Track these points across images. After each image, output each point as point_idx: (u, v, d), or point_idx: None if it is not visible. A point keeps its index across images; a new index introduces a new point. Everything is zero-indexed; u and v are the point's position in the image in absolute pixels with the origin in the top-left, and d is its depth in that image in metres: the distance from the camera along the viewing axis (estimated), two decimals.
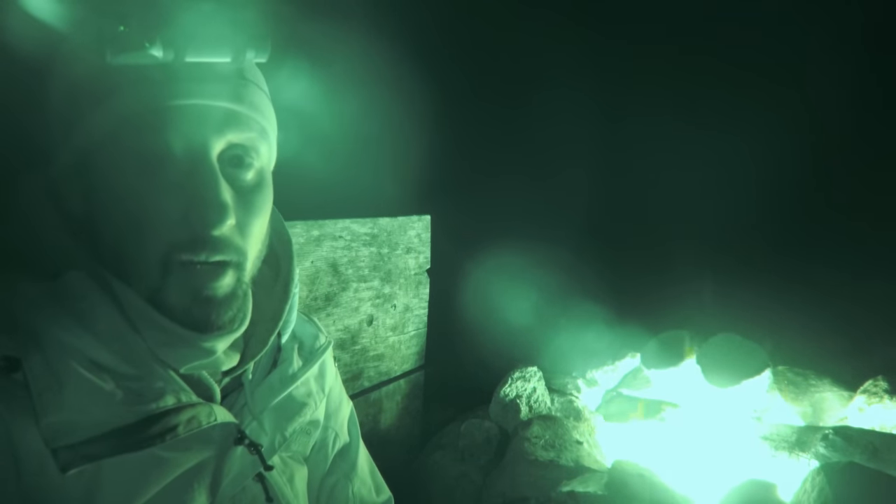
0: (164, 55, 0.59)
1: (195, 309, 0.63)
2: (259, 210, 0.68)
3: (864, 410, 1.86)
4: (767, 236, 2.63)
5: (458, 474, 1.87)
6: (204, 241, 0.62)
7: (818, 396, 2.01)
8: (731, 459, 1.84)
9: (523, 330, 2.22)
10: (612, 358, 2.30)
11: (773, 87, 2.53)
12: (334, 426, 0.90)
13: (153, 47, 0.58)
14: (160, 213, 0.61)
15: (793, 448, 1.82)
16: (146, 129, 0.61)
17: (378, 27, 1.88)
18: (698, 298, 2.39)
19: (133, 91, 0.61)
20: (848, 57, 2.34)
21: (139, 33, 0.57)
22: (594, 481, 1.67)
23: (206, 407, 0.65)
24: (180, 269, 0.62)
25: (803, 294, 2.28)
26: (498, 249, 2.23)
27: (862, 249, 2.36)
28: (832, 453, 1.64)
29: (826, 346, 2.14)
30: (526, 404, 2.06)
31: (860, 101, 2.39)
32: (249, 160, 0.67)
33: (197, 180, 0.62)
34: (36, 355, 0.58)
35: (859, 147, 2.47)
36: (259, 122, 0.68)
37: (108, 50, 0.57)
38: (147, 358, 0.62)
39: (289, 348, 0.80)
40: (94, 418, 0.57)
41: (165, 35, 0.58)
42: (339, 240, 1.74)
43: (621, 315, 2.26)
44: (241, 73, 0.67)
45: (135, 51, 0.58)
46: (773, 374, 2.02)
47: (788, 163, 2.46)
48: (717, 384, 2.01)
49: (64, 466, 0.55)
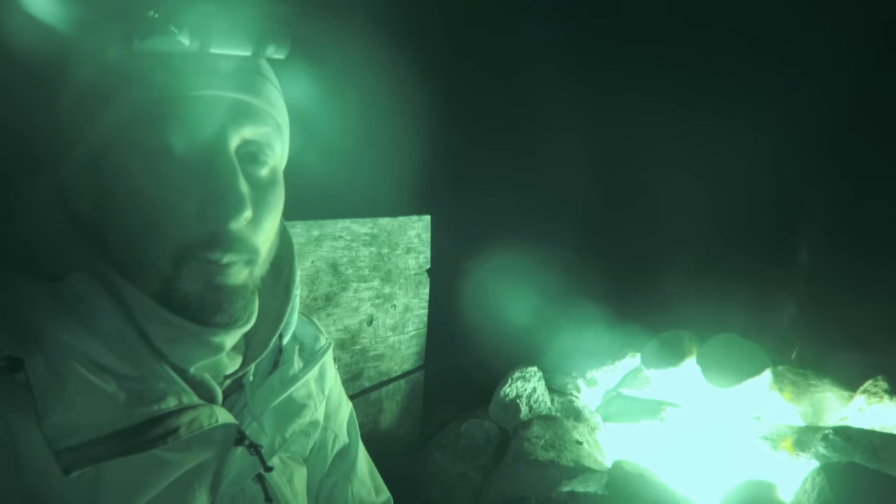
0: (191, 44, 0.60)
1: (208, 295, 0.63)
2: (272, 208, 0.68)
3: (864, 410, 1.86)
4: (767, 236, 2.63)
5: (458, 474, 1.87)
6: (219, 238, 0.62)
7: (818, 396, 2.01)
8: (731, 459, 1.85)
9: (523, 330, 2.22)
10: (612, 358, 2.30)
11: (773, 84, 2.53)
12: (334, 427, 0.90)
13: (181, 34, 0.59)
14: (175, 207, 0.61)
15: (793, 448, 1.82)
16: (159, 121, 0.61)
17: (378, 27, 1.88)
18: (698, 298, 2.39)
19: (147, 83, 0.61)
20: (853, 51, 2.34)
21: (168, 19, 0.58)
22: (594, 481, 1.67)
23: (207, 408, 0.65)
24: (194, 263, 0.62)
25: (804, 293, 2.28)
26: (498, 249, 2.23)
27: (862, 249, 2.36)
28: (832, 453, 1.64)
29: (826, 345, 2.14)
30: (526, 404, 2.06)
31: (862, 99, 2.39)
32: (264, 157, 0.67)
33: (215, 172, 0.62)
34: (38, 356, 0.57)
35: (860, 146, 2.47)
36: (274, 117, 0.68)
37: (137, 35, 0.58)
38: (149, 359, 0.62)
39: (290, 350, 0.80)
40: (96, 420, 0.57)
41: (192, 23, 0.59)
42: (339, 240, 1.74)
43: (621, 315, 2.27)
44: (258, 69, 0.68)
45: (164, 36, 0.58)
46: (773, 374, 2.02)
47: (789, 161, 2.46)
48: (717, 384, 2.01)
49: (66, 468, 0.55)
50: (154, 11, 0.58)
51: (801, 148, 2.43)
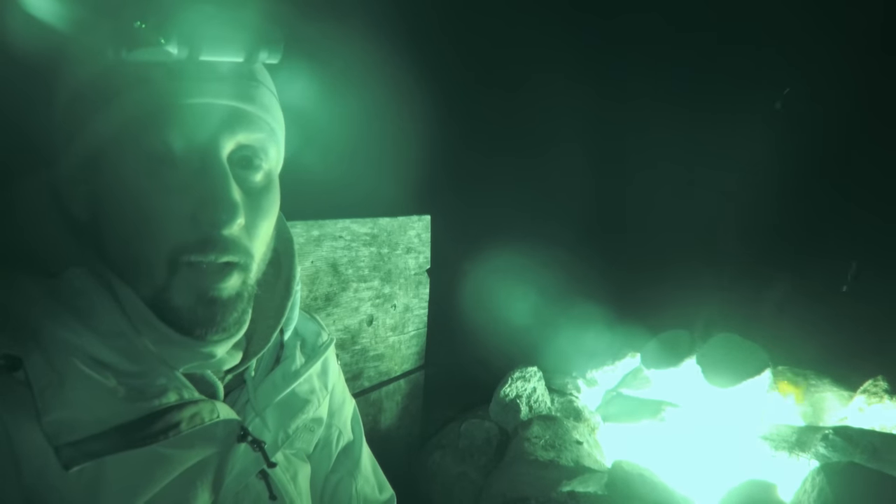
0: (179, 52, 0.59)
1: (200, 309, 0.63)
2: (267, 212, 0.68)
3: (864, 410, 1.86)
4: (767, 236, 2.63)
5: (458, 474, 1.87)
6: (213, 241, 0.62)
7: (818, 396, 2.01)
8: (731, 459, 1.84)
9: (523, 330, 2.22)
10: (612, 358, 2.30)
11: (774, 85, 2.53)
12: (338, 423, 0.90)
13: (168, 44, 0.58)
14: (169, 212, 0.61)
15: (793, 448, 1.82)
16: (156, 127, 0.61)
17: (377, 27, 1.88)
18: (698, 298, 2.39)
19: (144, 89, 0.61)
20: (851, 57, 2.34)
21: (155, 30, 0.58)
22: (594, 481, 1.67)
23: (208, 404, 0.65)
24: (187, 269, 0.62)
25: (804, 293, 2.28)
26: (498, 249, 2.23)
27: (862, 249, 2.36)
28: (832, 453, 1.64)
29: (826, 345, 2.14)
30: (526, 404, 2.05)
31: (863, 100, 2.40)
32: (258, 162, 0.67)
33: (207, 179, 0.62)
34: (37, 353, 0.57)
35: (861, 146, 2.47)
36: (269, 123, 0.68)
37: (125, 45, 0.58)
38: (149, 355, 0.62)
39: (291, 345, 0.80)
40: (96, 415, 0.57)
41: (181, 32, 0.59)
42: (339, 240, 1.74)
43: (621, 315, 2.27)
44: (252, 74, 0.67)
45: (150, 47, 0.58)
46: (773, 374, 2.02)
47: (789, 161, 2.46)
48: (717, 384, 2.01)
49: (66, 464, 0.54)
50: (140, 22, 0.57)
51: (802, 148, 2.43)
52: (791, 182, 2.51)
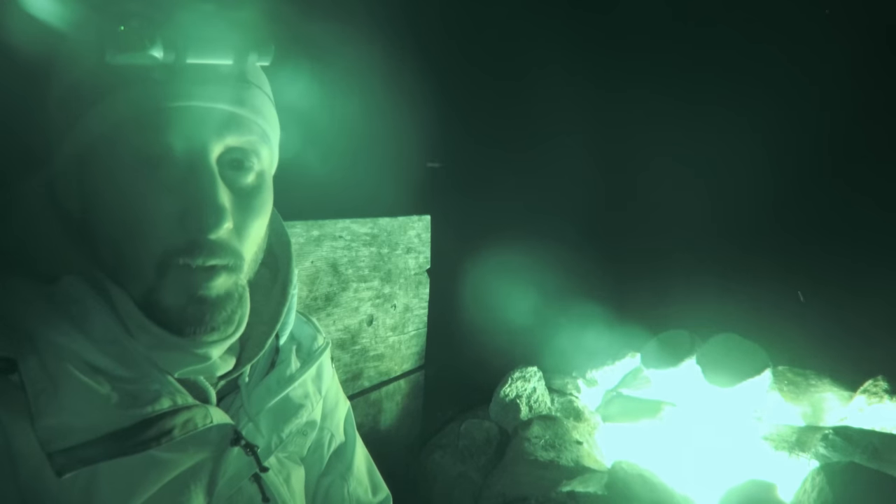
0: (165, 56, 0.58)
1: (190, 308, 0.63)
2: (258, 213, 0.68)
3: (864, 410, 1.85)
4: (767, 236, 2.63)
5: (458, 474, 1.87)
6: (200, 244, 0.62)
7: (818, 396, 2.00)
8: (731, 459, 1.84)
9: (523, 330, 2.22)
10: (612, 358, 2.30)
11: (774, 82, 2.52)
12: (330, 426, 0.89)
13: (153, 48, 0.57)
14: (157, 215, 0.61)
15: (793, 448, 1.82)
16: (144, 130, 0.60)
17: (378, 27, 1.88)
18: (698, 298, 2.39)
19: (132, 91, 0.60)
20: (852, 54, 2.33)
21: (139, 33, 0.57)
22: (594, 481, 1.67)
23: (202, 409, 0.65)
24: (177, 270, 0.62)
25: (803, 293, 2.27)
26: (498, 249, 2.23)
27: (862, 248, 2.35)
28: (832, 453, 1.64)
29: (826, 346, 2.14)
30: (526, 404, 2.06)
31: (862, 100, 2.39)
32: (249, 163, 0.67)
33: (194, 183, 0.61)
34: (32, 357, 0.57)
35: (861, 146, 2.47)
36: (260, 125, 0.67)
37: (108, 50, 0.57)
38: (142, 361, 0.62)
39: (287, 350, 0.80)
40: (89, 421, 0.57)
41: (166, 35, 0.58)
42: (339, 240, 1.74)
43: (621, 315, 2.26)
44: (244, 76, 0.66)
45: (135, 51, 0.57)
46: (773, 374, 2.02)
47: (789, 161, 2.45)
48: (717, 384, 2.01)
49: (59, 470, 0.54)
50: (123, 26, 0.56)
51: (802, 148, 2.42)
52: (792, 181, 2.50)
